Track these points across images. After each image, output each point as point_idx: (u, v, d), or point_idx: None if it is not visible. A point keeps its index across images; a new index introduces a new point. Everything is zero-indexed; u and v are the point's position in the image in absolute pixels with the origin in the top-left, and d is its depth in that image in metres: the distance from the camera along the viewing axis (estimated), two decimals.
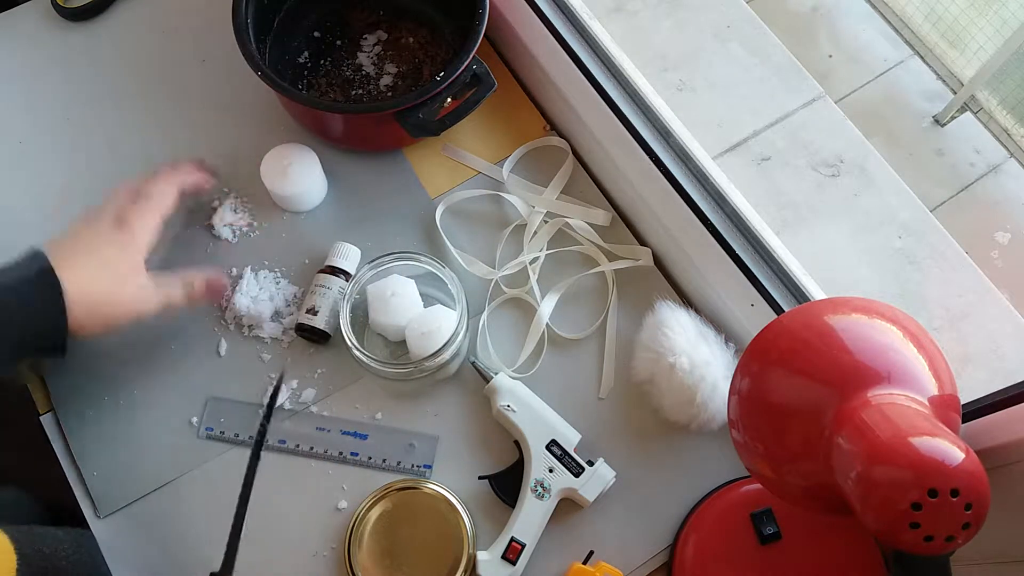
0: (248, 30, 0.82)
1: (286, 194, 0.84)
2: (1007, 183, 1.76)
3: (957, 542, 0.47)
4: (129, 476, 0.77)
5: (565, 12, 0.87)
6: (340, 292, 0.80)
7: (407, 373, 0.76)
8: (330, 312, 0.80)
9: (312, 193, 0.86)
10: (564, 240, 0.87)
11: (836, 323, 0.58)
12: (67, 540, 0.70)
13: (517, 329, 0.83)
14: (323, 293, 0.80)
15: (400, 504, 0.75)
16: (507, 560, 0.72)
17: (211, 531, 0.76)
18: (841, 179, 1.33)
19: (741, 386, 0.60)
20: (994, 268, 1.63)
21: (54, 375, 0.80)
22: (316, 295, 0.80)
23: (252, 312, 0.81)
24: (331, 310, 0.80)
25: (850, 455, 0.50)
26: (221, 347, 0.82)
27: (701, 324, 0.79)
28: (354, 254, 0.83)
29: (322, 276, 0.81)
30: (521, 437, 0.76)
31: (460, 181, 0.89)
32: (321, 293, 0.80)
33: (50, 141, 0.90)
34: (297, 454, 0.78)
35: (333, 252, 0.82)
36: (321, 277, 0.81)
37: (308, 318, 0.80)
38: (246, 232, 0.86)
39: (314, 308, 0.80)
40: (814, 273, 0.79)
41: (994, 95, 1.78)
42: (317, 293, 0.80)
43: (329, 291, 0.80)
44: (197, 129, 0.91)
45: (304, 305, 0.81)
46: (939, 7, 1.84)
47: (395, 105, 0.80)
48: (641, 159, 0.82)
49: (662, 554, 0.76)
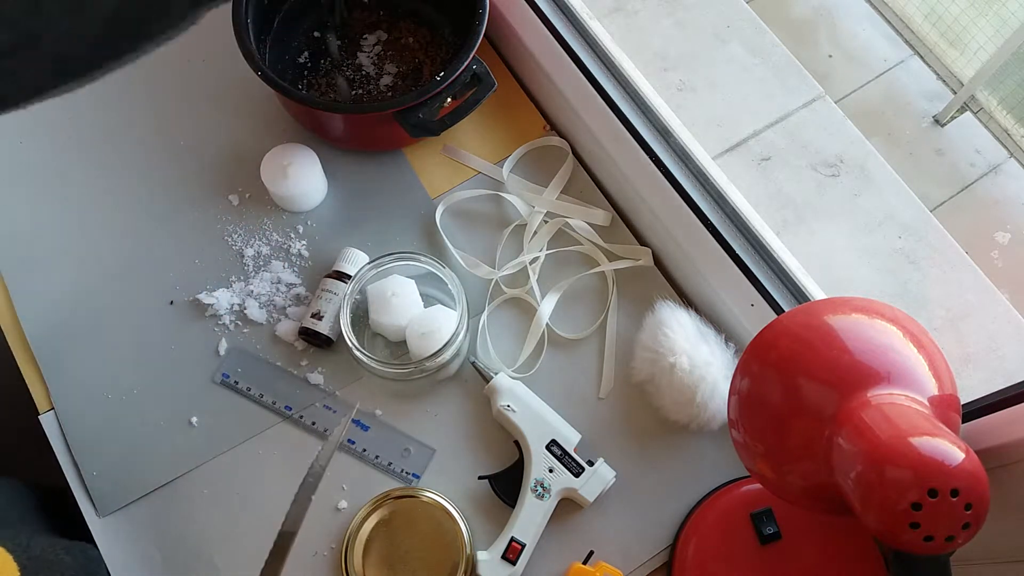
0: (248, 30, 0.82)
1: (286, 194, 0.84)
2: (1007, 183, 1.76)
3: (957, 542, 0.47)
4: (129, 476, 0.77)
5: (565, 12, 0.87)
6: None
7: (407, 373, 0.76)
8: (334, 318, 0.80)
9: (312, 194, 0.86)
10: (564, 240, 0.87)
11: (836, 323, 0.58)
12: (69, 559, 0.71)
13: (517, 329, 0.83)
14: (328, 299, 0.80)
15: (397, 512, 0.75)
16: (507, 560, 0.72)
17: (211, 531, 0.76)
18: (841, 179, 1.33)
19: (741, 386, 0.60)
20: (994, 268, 1.62)
21: (54, 375, 0.81)
22: (322, 300, 0.80)
23: (253, 307, 0.82)
24: (335, 316, 0.80)
25: (850, 455, 0.51)
26: (221, 347, 0.82)
27: (701, 324, 0.79)
28: (361, 260, 0.82)
29: (328, 281, 0.81)
30: (521, 437, 0.76)
31: (460, 181, 0.89)
32: (327, 299, 0.80)
33: (50, 139, 0.90)
34: (299, 426, 0.79)
35: (341, 257, 0.82)
36: (327, 282, 0.81)
37: (312, 323, 0.80)
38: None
39: (319, 313, 0.80)
40: (814, 273, 0.79)
41: (994, 95, 1.78)
42: (323, 298, 0.80)
43: (335, 296, 0.80)
44: (197, 129, 0.91)
45: (310, 309, 0.81)
46: (939, 7, 1.84)
47: (395, 105, 0.80)
48: (641, 159, 0.82)
49: (662, 554, 0.76)
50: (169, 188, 0.88)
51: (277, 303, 0.83)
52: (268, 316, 0.83)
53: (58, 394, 0.80)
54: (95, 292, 0.84)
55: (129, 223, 0.87)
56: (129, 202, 0.88)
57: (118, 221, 0.87)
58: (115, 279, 0.84)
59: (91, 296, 0.84)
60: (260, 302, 0.83)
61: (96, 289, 0.84)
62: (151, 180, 0.89)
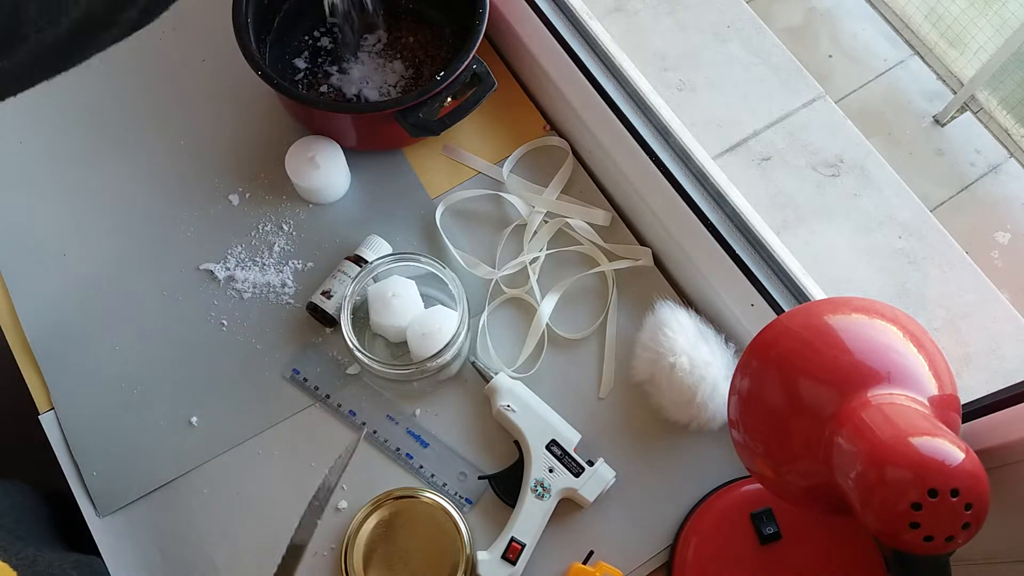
0: (248, 30, 0.82)
1: (313, 186, 0.84)
2: (1007, 183, 1.76)
3: (957, 542, 0.47)
4: (129, 476, 0.77)
5: (565, 12, 0.87)
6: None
7: (408, 374, 0.76)
8: (342, 299, 0.80)
9: (337, 185, 0.87)
10: (564, 240, 0.87)
11: (836, 323, 0.58)
12: (76, 574, 0.70)
13: (517, 329, 0.83)
14: (342, 280, 0.81)
15: (397, 512, 0.75)
16: (507, 560, 0.72)
17: (211, 531, 0.76)
18: (841, 179, 1.33)
19: (741, 386, 0.60)
20: (994, 268, 1.62)
21: (54, 375, 0.81)
22: (335, 280, 0.81)
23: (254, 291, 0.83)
24: (343, 297, 0.80)
25: (850, 455, 0.51)
26: (221, 346, 0.82)
27: (701, 324, 0.79)
28: (383, 249, 0.83)
29: (346, 263, 0.82)
30: (521, 437, 0.76)
31: (460, 181, 0.89)
32: (340, 279, 0.81)
33: (49, 139, 0.90)
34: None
35: (364, 243, 0.83)
36: (345, 264, 0.82)
37: (321, 300, 0.80)
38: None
39: (329, 292, 0.80)
40: (814, 273, 0.79)
41: (994, 95, 1.78)
42: (336, 278, 0.81)
43: (347, 279, 0.80)
44: (197, 129, 0.91)
45: (321, 287, 0.81)
46: (939, 7, 1.84)
47: (395, 105, 0.80)
48: (641, 159, 0.82)
49: (662, 554, 0.76)
50: (169, 188, 0.88)
51: (275, 282, 0.84)
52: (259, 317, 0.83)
53: (58, 394, 0.80)
54: (95, 292, 0.84)
55: (129, 223, 0.87)
56: (129, 202, 0.88)
57: (118, 221, 0.87)
58: (115, 279, 0.85)
59: (91, 296, 0.84)
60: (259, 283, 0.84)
61: (96, 289, 0.84)
62: (151, 180, 0.89)
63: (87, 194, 0.88)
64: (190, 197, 0.88)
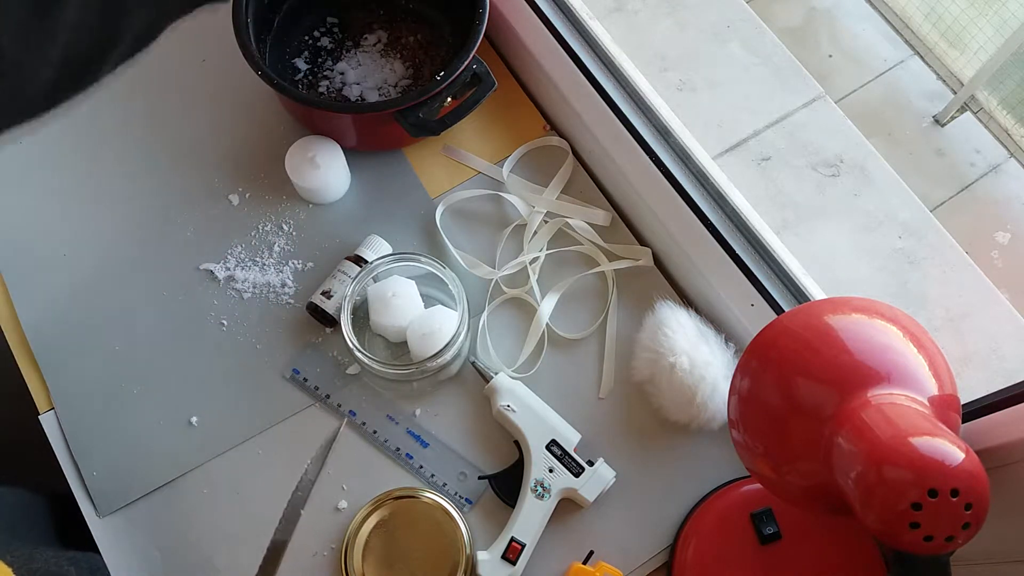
0: (248, 30, 0.82)
1: (312, 186, 0.84)
2: (1007, 183, 1.76)
3: (957, 542, 0.47)
4: (129, 476, 0.77)
5: (565, 12, 0.87)
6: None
7: (408, 374, 0.76)
8: (342, 299, 0.80)
9: (338, 185, 0.87)
10: (564, 240, 0.87)
11: (836, 323, 0.58)
12: (74, 570, 0.71)
13: (517, 329, 0.83)
14: (342, 279, 0.81)
15: (397, 512, 0.75)
16: (507, 560, 0.72)
17: (211, 531, 0.76)
18: (841, 179, 1.33)
19: (741, 386, 0.60)
20: (994, 268, 1.62)
21: (54, 375, 0.81)
22: (335, 280, 0.81)
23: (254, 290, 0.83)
24: (343, 297, 0.80)
25: (850, 455, 0.50)
26: (221, 346, 0.82)
27: (701, 324, 0.79)
28: (383, 248, 0.83)
29: (346, 263, 0.82)
30: (521, 437, 0.76)
31: (460, 181, 0.89)
32: (340, 279, 0.81)
33: (49, 140, 0.90)
34: (363, 435, 0.79)
35: (364, 243, 0.83)
36: (345, 264, 0.82)
37: (321, 300, 0.80)
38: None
39: (329, 292, 0.80)
40: (814, 273, 0.79)
41: (994, 95, 1.78)
42: (336, 278, 0.81)
43: (347, 279, 0.80)
44: (197, 129, 0.91)
45: (321, 287, 0.81)
46: (939, 7, 1.84)
47: (395, 105, 0.80)
48: (641, 159, 0.82)
49: (662, 554, 0.76)
50: (169, 188, 0.88)
51: (276, 283, 0.84)
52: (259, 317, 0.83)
53: (58, 394, 0.80)
54: (95, 292, 0.84)
55: (129, 223, 0.87)
56: (129, 202, 0.88)
57: (118, 222, 0.87)
58: (115, 279, 0.85)
59: (91, 296, 0.84)
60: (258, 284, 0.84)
61: (96, 289, 0.84)
62: (151, 180, 0.89)
63: (87, 194, 0.88)
64: (190, 197, 0.88)
